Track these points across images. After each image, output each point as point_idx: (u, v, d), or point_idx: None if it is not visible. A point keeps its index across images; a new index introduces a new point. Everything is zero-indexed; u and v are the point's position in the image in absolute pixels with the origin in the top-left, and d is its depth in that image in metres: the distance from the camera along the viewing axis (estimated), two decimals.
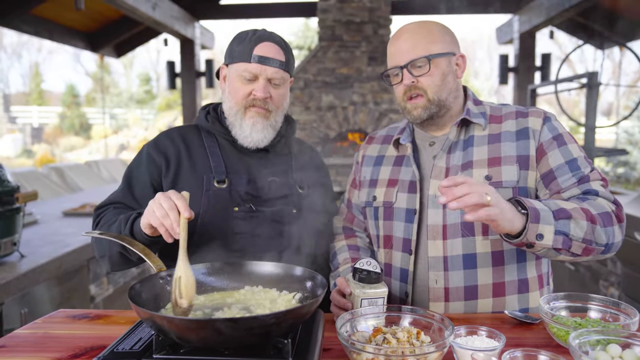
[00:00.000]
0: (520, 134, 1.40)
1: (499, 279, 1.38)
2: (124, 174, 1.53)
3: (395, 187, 1.49)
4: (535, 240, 1.18)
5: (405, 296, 1.45)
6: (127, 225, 1.32)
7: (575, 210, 1.21)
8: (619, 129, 12.56)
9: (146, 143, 1.56)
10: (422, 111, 1.42)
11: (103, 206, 1.50)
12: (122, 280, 3.75)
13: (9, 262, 2.60)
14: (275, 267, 1.25)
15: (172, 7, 6.64)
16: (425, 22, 1.45)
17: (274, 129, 1.51)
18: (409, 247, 1.44)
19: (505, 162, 1.37)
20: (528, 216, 1.17)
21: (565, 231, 1.20)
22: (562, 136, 1.39)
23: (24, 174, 6.07)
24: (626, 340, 0.97)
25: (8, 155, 17.10)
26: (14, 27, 5.44)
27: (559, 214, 1.20)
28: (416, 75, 1.39)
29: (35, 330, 1.24)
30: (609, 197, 1.32)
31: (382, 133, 1.67)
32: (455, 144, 1.45)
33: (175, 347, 0.98)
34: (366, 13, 7.09)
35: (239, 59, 1.45)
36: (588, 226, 1.21)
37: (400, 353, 0.95)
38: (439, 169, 1.43)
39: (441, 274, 1.39)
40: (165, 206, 1.17)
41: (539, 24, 6.60)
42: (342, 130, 7.24)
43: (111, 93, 24.34)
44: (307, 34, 18.97)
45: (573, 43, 15.44)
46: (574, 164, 1.35)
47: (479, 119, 1.44)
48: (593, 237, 1.22)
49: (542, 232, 1.17)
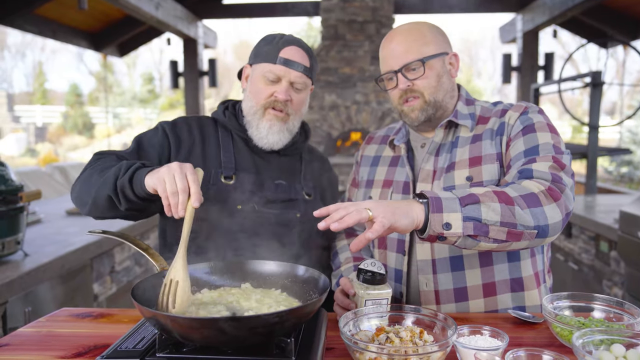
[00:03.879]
0: (498, 131, 1.39)
1: (488, 279, 1.37)
2: (134, 139, 1.47)
3: (390, 188, 1.49)
4: (443, 230, 1.11)
5: (400, 296, 1.45)
6: (129, 172, 1.22)
7: (486, 195, 1.13)
8: (623, 128, 12.53)
9: (162, 121, 1.53)
10: (419, 113, 1.41)
11: (105, 153, 1.42)
12: (126, 279, 3.76)
13: (13, 261, 2.60)
14: (278, 266, 1.25)
15: (175, 7, 6.65)
16: (416, 23, 1.44)
17: (290, 133, 1.51)
18: (402, 248, 1.44)
19: (486, 161, 1.35)
20: (428, 206, 1.11)
21: (476, 216, 1.11)
22: (533, 125, 1.32)
23: (28, 173, 6.10)
24: (630, 340, 0.97)
25: (12, 155, 17.15)
26: (18, 26, 5.45)
27: (466, 200, 1.12)
28: (411, 78, 1.39)
29: (38, 329, 1.25)
30: (545, 177, 1.21)
31: (380, 133, 1.67)
32: (442, 146, 1.44)
33: (178, 346, 0.98)
34: (369, 12, 7.08)
35: (264, 59, 1.46)
36: (504, 208, 1.12)
37: (403, 352, 0.94)
38: (426, 172, 1.43)
39: (430, 276, 1.39)
40: (179, 185, 1.10)
41: (542, 23, 6.59)
42: (345, 129, 7.24)
43: (114, 92, 24.40)
44: (310, 34, 18.98)
45: (576, 42, 15.39)
46: (533, 151, 1.27)
47: (465, 120, 1.43)
48: (514, 219, 1.12)
49: (449, 221, 1.10)
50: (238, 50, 12.53)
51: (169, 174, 1.12)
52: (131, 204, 1.25)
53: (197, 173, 1.16)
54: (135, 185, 1.21)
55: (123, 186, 1.21)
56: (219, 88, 10.28)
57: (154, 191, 1.16)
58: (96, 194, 1.27)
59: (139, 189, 1.20)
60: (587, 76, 4.49)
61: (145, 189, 1.18)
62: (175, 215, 1.12)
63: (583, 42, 7.19)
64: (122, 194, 1.22)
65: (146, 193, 1.19)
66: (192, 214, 1.12)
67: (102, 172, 1.29)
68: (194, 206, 1.11)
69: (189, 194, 1.11)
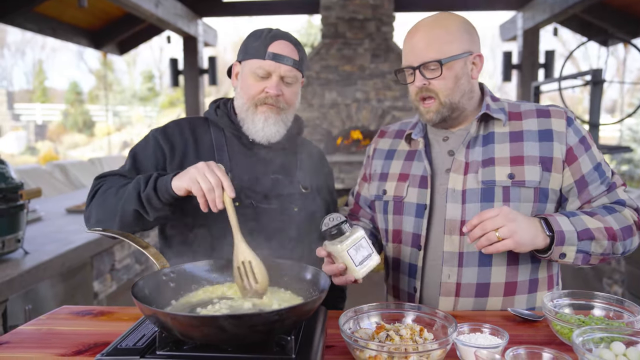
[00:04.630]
0: (543, 135, 1.38)
1: (511, 278, 1.37)
2: (129, 154, 1.50)
3: (406, 181, 1.48)
4: (558, 259, 1.27)
5: (414, 291, 1.44)
6: (151, 182, 1.29)
7: (599, 231, 1.27)
8: (623, 126, 12.52)
9: (154, 128, 1.55)
10: (434, 115, 1.39)
11: (106, 175, 1.47)
12: (126, 277, 3.76)
13: (13, 259, 2.61)
14: (278, 263, 1.25)
15: (175, 5, 6.64)
16: (443, 16, 1.39)
17: (285, 125, 1.51)
18: (418, 242, 1.43)
19: (528, 162, 1.35)
20: (553, 239, 1.24)
21: (586, 250, 1.27)
22: (586, 139, 1.39)
23: (28, 171, 6.10)
24: (630, 338, 0.97)
25: (12, 153, 17.16)
26: (18, 24, 5.44)
27: (583, 235, 1.26)
28: (428, 77, 1.36)
29: (39, 327, 1.25)
30: (633, 205, 1.37)
31: (394, 127, 1.65)
32: (474, 139, 1.42)
33: (178, 344, 0.98)
34: (369, 10, 7.07)
35: (253, 55, 1.46)
36: (608, 244, 1.29)
37: (403, 350, 0.94)
38: (459, 163, 1.40)
39: (455, 269, 1.38)
40: (212, 180, 1.20)
41: (543, 20, 6.57)
42: (345, 127, 7.23)
43: (114, 90, 24.39)
44: (310, 31, 18.94)
45: (577, 40, 15.37)
46: (600, 169, 1.38)
47: (499, 114, 1.41)
48: (611, 251, 1.30)
49: (566, 252, 1.26)
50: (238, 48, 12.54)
51: (199, 172, 1.21)
52: (158, 212, 1.31)
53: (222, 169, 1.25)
54: (160, 193, 1.28)
55: (149, 196, 1.28)
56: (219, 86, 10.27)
57: (186, 192, 1.25)
58: (122, 211, 1.32)
59: (165, 195, 1.28)
60: (588, 74, 4.48)
61: (172, 193, 1.26)
62: (214, 209, 1.21)
63: (583, 40, 7.18)
64: (148, 204, 1.29)
65: (173, 198, 1.28)
66: (232, 205, 1.21)
67: (118, 191, 1.34)
68: (230, 196, 1.21)
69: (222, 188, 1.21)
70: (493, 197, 1.35)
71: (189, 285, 1.21)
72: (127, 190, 1.32)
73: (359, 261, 1.23)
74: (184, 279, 1.21)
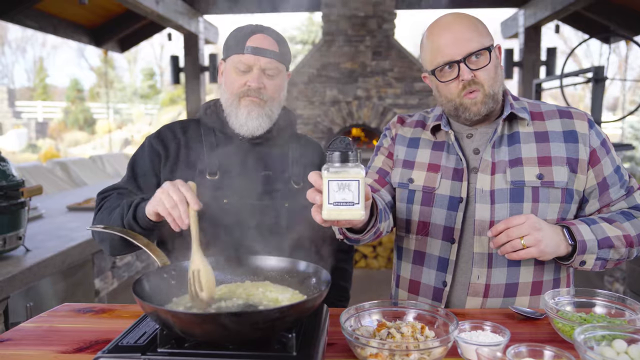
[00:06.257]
0: (568, 136, 1.37)
1: (538, 277, 1.38)
2: (129, 163, 1.57)
3: (438, 172, 1.43)
4: (578, 266, 1.31)
5: (444, 285, 1.41)
6: (131, 209, 1.34)
7: (618, 239, 1.30)
8: (625, 123, 12.50)
9: (149, 134, 1.60)
10: (481, 106, 1.35)
11: (107, 191, 1.53)
12: (127, 275, 3.77)
13: (14, 257, 2.61)
14: (279, 261, 1.25)
15: (176, 2, 6.62)
16: (461, 13, 1.38)
17: (269, 118, 1.52)
18: (451, 235, 1.40)
19: (556, 163, 1.35)
20: (576, 248, 1.27)
21: (605, 257, 1.30)
22: (607, 142, 1.41)
23: (29, 169, 6.10)
24: (632, 336, 0.97)
25: (13, 150, 17.16)
26: (18, 22, 5.44)
27: (603, 244, 1.29)
28: (474, 68, 1.33)
29: (40, 324, 1.25)
30: None
31: (413, 118, 1.59)
32: (499, 138, 1.40)
33: (179, 341, 0.98)
34: (370, 7, 7.05)
35: (234, 51, 1.49)
36: (625, 250, 1.32)
37: (404, 348, 0.94)
38: (486, 163, 1.38)
39: (484, 270, 1.37)
40: (175, 197, 1.20)
41: (544, 18, 6.55)
42: (346, 125, 7.22)
43: (115, 88, 24.39)
44: (311, 29, 18.92)
45: (579, 37, 15.34)
46: (619, 172, 1.40)
47: (523, 113, 1.40)
48: (627, 256, 1.34)
49: (585, 260, 1.29)
50: None
51: (163, 192, 1.22)
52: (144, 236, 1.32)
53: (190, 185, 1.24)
54: (139, 219, 1.32)
55: (130, 224, 1.32)
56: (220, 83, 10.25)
57: (156, 216, 1.26)
58: (110, 237, 1.41)
59: (144, 221, 1.31)
60: (589, 71, 4.47)
61: (149, 219, 1.29)
62: (182, 226, 1.20)
63: (585, 37, 7.16)
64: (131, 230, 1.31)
65: (151, 223, 1.30)
66: (195, 217, 1.20)
67: (110, 215, 1.40)
68: (194, 209, 1.19)
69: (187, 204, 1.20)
70: (522, 198, 1.34)
71: None
72: (114, 216, 1.38)
73: (334, 200, 0.98)
74: (185, 277, 1.20)
